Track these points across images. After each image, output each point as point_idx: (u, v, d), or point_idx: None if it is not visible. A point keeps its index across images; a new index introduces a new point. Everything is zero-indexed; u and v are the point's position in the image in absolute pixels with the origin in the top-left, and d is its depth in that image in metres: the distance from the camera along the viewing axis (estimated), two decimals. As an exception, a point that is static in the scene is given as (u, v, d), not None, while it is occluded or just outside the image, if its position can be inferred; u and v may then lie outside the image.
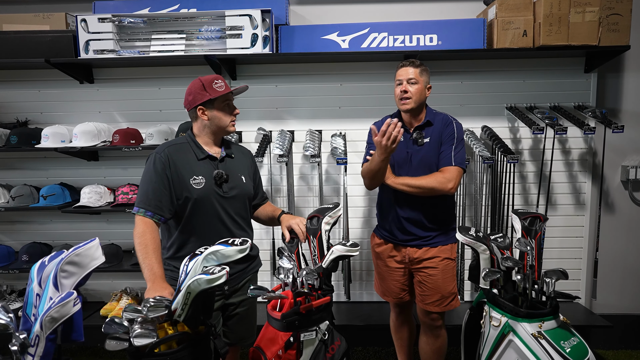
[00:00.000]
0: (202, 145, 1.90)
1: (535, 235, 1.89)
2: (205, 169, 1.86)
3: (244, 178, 1.98)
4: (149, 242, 1.68)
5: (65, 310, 1.25)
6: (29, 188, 2.97)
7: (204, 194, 1.81)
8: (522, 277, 1.69)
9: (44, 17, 2.91)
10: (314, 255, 1.96)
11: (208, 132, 1.91)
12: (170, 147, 1.86)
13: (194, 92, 1.84)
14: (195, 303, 1.40)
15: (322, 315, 1.79)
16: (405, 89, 2.12)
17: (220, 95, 1.83)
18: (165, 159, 1.79)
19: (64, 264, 1.33)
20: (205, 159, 1.87)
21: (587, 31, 2.54)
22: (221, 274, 1.36)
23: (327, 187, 3.12)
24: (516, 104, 2.98)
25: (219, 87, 1.84)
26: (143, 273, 1.65)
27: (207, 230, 1.84)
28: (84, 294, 3.25)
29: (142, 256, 1.66)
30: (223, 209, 1.87)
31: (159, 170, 1.77)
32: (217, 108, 1.86)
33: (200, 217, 1.83)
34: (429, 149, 2.15)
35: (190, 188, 1.80)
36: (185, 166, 1.82)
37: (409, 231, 2.19)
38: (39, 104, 3.12)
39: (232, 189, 1.90)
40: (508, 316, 1.73)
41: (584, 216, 3.08)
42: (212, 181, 1.84)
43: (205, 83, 1.83)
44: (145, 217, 1.74)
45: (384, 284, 2.38)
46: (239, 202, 1.94)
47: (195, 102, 1.84)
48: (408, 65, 2.16)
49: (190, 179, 1.81)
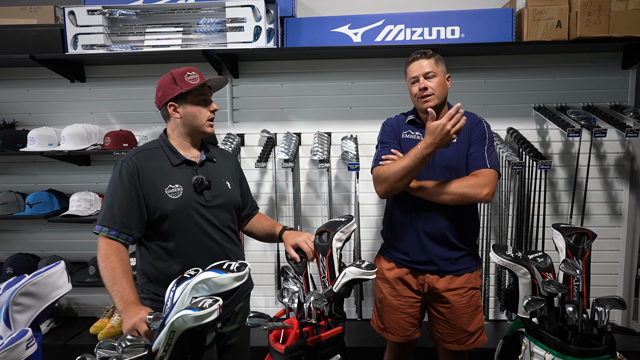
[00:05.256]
0: (178, 148, 1.65)
1: (583, 256, 1.61)
2: (182, 175, 1.61)
3: (229, 184, 1.73)
4: (115, 265, 1.44)
5: (14, 355, 1.00)
6: (15, 195, 2.76)
7: (182, 204, 1.56)
8: (574, 308, 1.41)
9: (32, 11, 2.70)
10: (324, 277, 1.70)
11: (182, 132, 1.65)
12: (140, 153, 1.60)
13: (164, 87, 1.61)
14: (180, 343, 1.14)
15: (333, 348, 1.53)
16: (424, 85, 1.81)
17: (193, 87, 1.59)
18: (133, 168, 1.54)
19: (17, 296, 1.08)
20: (181, 165, 1.63)
21: (631, 21, 2.27)
22: (212, 309, 1.11)
23: (337, 195, 2.87)
24: (545, 104, 2.71)
25: (192, 79, 1.60)
26: (115, 303, 1.41)
27: (192, 247, 1.59)
28: (74, 308, 3.04)
29: (110, 282, 1.43)
30: (207, 220, 1.62)
31: (125, 181, 1.53)
32: (190, 103, 1.61)
33: (181, 233, 1.58)
34: (456, 150, 1.85)
35: (166, 199, 1.55)
36: (159, 174, 1.57)
37: (431, 251, 1.87)
38: (28, 105, 2.91)
39: (217, 197, 1.65)
40: (555, 353, 1.46)
41: (621, 227, 2.79)
42: (191, 189, 1.59)
43: (175, 76, 1.60)
44: (109, 237, 1.50)
45: (389, 318, 1.98)
46: (225, 212, 1.69)
47: (166, 97, 1.60)
48: (420, 57, 1.85)
49: (165, 188, 1.56)
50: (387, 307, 1.99)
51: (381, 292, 2.02)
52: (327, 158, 2.59)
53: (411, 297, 1.95)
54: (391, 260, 1.99)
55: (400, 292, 1.96)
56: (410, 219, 1.91)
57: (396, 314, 1.97)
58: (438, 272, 1.89)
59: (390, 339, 2.02)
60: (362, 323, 2.85)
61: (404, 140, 1.94)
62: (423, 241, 1.88)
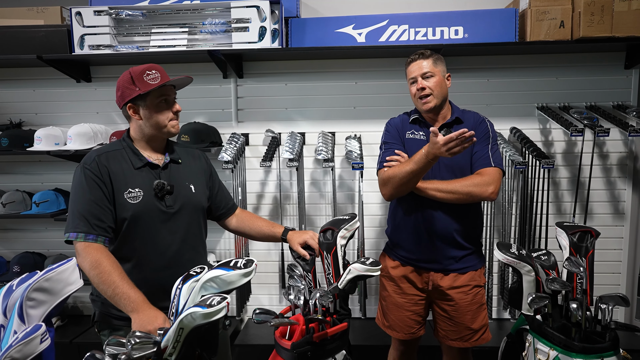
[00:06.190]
0: (140, 150, 1.59)
1: (587, 254, 1.63)
2: (143, 179, 1.54)
3: (194, 187, 1.66)
4: (110, 269, 1.38)
5: (29, 349, 1.02)
6: (21, 194, 2.78)
7: (141, 210, 1.50)
8: (578, 305, 1.43)
9: (38, 11, 2.72)
10: (328, 274, 1.71)
11: (145, 134, 1.58)
12: (101, 155, 1.53)
13: (122, 87, 1.53)
14: (189, 340, 1.16)
15: (339, 344, 1.54)
16: (422, 85, 1.84)
17: (151, 89, 1.50)
18: (95, 168, 1.48)
19: (31, 291, 1.10)
20: (143, 167, 1.56)
21: (634, 21, 2.28)
22: (221, 307, 1.13)
23: (341, 194, 2.88)
24: (548, 104, 2.72)
25: (152, 79, 1.50)
26: (121, 308, 1.37)
27: (144, 256, 1.53)
28: (80, 306, 3.06)
29: (110, 289, 1.36)
30: (167, 227, 1.56)
31: (91, 183, 1.47)
32: (150, 105, 1.53)
33: (138, 240, 1.52)
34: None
35: (125, 204, 1.49)
36: (119, 177, 1.51)
37: (436, 249, 1.88)
38: (34, 104, 2.93)
39: (178, 202, 1.59)
40: (558, 350, 1.47)
41: (623, 227, 2.80)
42: (151, 193, 1.53)
43: (134, 75, 1.51)
44: (86, 242, 1.42)
45: (394, 316, 2.00)
46: (188, 217, 1.62)
47: (124, 98, 1.52)
48: (418, 58, 1.87)
49: (124, 192, 1.50)
50: (391, 304, 2.01)
51: (386, 290, 2.03)
52: (331, 157, 2.59)
53: (416, 295, 1.96)
54: (396, 259, 2.00)
55: (405, 290, 1.97)
56: (414, 217, 1.92)
57: (401, 312, 1.98)
58: (442, 270, 1.90)
59: (395, 336, 2.03)
60: (366, 321, 2.85)
61: (408, 140, 1.95)
62: (427, 239, 1.89)
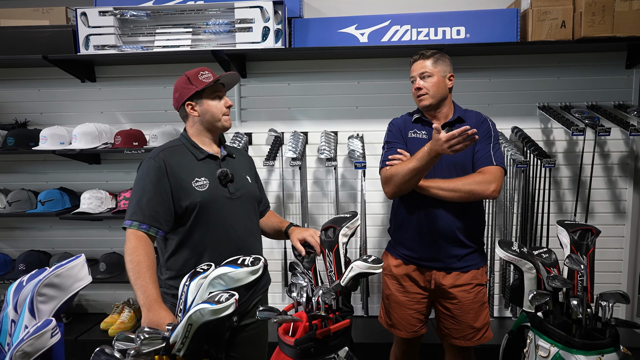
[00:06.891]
0: (200, 145, 1.72)
1: (587, 252, 1.64)
2: (207, 169, 1.67)
3: (249, 178, 1.81)
4: (142, 259, 1.47)
5: (40, 343, 1.05)
6: (27, 193, 2.81)
7: (209, 196, 1.62)
8: (579, 302, 1.44)
9: (44, 12, 2.75)
10: (330, 272, 1.73)
11: (202, 129, 1.72)
12: (165, 150, 1.66)
13: (180, 88, 1.69)
14: (197, 336, 1.18)
15: (341, 340, 1.56)
16: (418, 85, 1.90)
17: (207, 85, 1.66)
18: (161, 163, 1.59)
19: (42, 287, 1.12)
20: (205, 159, 1.69)
21: (635, 21, 2.29)
22: (229, 303, 1.15)
23: (344, 193, 2.90)
24: (550, 103, 2.73)
25: (206, 77, 1.67)
26: (136, 297, 1.44)
27: (215, 241, 1.64)
28: (85, 304, 3.08)
29: (135, 276, 1.45)
30: (232, 213, 1.68)
31: (153, 177, 1.57)
32: (206, 101, 1.69)
33: (206, 226, 1.63)
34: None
35: (194, 192, 1.60)
36: (185, 169, 1.63)
37: (438, 248, 1.90)
38: (39, 104, 2.96)
39: (239, 190, 1.72)
40: (559, 346, 1.49)
41: (625, 226, 2.81)
42: (216, 181, 1.66)
43: (190, 76, 1.68)
44: (139, 230, 1.53)
45: (397, 314, 2.01)
46: (248, 205, 1.76)
47: (183, 98, 1.67)
48: (419, 58, 1.93)
49: (192, 181, 1.61)
50: (394, 303, 2.02)
51: (388, 289, 2.05)
52: (334, 156, 2.61)
53: (418, 294, 1.98)
54: (398, 257, 2.02)
55: (408, 289, 1.99)
56: (417, 216, 1.93)
57: (403, 310, 2.00)
58: (445, 269, 1.91)
59: (398, 334, 2.05)
60: (369, 319, 2.88)
61: (410, 140, 1.97)
62: (430, 238, 1.91)
